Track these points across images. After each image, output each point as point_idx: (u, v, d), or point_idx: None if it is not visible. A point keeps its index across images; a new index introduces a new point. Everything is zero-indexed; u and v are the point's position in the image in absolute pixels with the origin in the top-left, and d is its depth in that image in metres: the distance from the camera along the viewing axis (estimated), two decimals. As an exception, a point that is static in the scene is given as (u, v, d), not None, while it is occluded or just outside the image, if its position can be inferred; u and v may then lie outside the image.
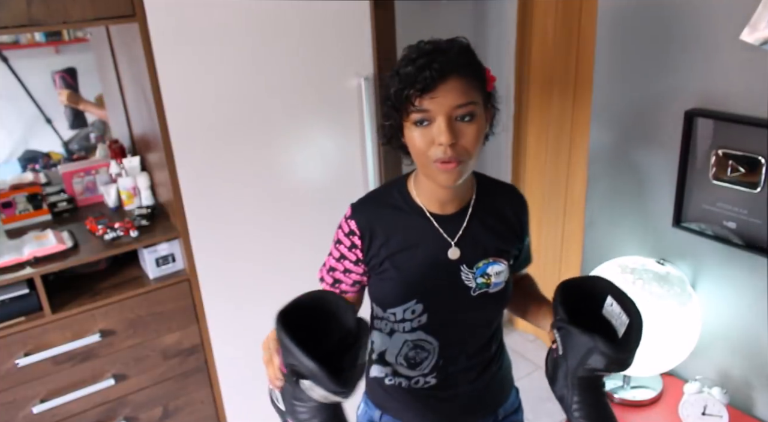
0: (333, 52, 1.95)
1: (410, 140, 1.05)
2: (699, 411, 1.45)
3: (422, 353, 1.18)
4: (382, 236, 1.15)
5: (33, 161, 2.28)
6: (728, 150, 1.39)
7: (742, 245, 1.41)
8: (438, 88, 0.99)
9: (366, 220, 1.16)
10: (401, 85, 1.01)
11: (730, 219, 1.43)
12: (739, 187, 1.38)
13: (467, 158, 1.03)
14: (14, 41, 2.19)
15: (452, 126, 1.00)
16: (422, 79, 0.98)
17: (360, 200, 1.21)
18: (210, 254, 1.91)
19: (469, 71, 1.02)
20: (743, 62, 1.33)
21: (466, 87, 1.01)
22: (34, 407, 1.73)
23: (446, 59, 0.99)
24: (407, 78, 1.00)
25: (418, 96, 0.99)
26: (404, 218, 1.15)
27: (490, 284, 1.16)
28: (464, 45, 1.05)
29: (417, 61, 1.00)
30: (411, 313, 1.15)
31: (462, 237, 1.15)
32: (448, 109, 1.00)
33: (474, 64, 1.05)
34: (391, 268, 1.16)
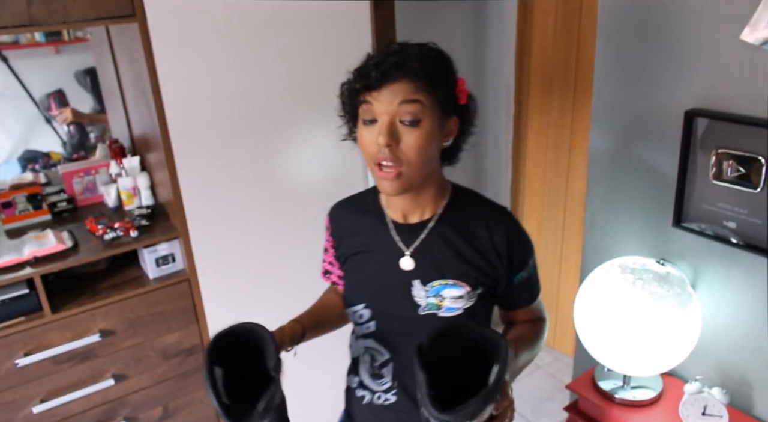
0: (333, 52, 1.95)
1: (359, 139, 1.04)
2: (699, 411, 1.45)
3: (378, 365, 1.15)
4: (347, 236, 1.18)
5: (33, 161, 2.28)
6: (728, 150, 1.38)
7: (742, 245, 1.41)
8: (384, 85, 0.97)
9: (337, 218, 1.20)
10: (351, 79, 1.02)
11: (730, 219, 1.43)
12: (739, 187, 1.38)
13: (408, 166, 0.99)
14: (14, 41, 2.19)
15: (393, 128, 0.98)
16: (372, 74, 0.97)
17: (340, 200, 1.24)
18: (210, 254, 1.91)
19: (423, 76, 0.98)
20: (743, 62, 1.33)
21: (414, 90, 0.97)
22: (34, 407, 1.73)
23: (401, 60, 0.97)
24: (359, 72, 1.01)
25: (365, 91, 0.99)
26: (369, 222, 1.15)
27: (442, 307, 1.08)
28: (431, 50, 1.03)
29: (371, 59, 1.00)
30: (359, 317, 1.15)
31: (418, 249, 1.10)
32: (389, 109, 0.97)
33: (436, 72, 1.00)
34: (349, 268, 1.18)
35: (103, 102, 2.32)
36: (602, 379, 1.62)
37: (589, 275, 1.58)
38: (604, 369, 1.61)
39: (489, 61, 2.74)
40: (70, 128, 2.31)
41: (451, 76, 1.03)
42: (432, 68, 1.00)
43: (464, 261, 1.09)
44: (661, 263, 1.53)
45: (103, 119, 2.35)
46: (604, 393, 1.58)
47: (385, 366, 1.15)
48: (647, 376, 1.59)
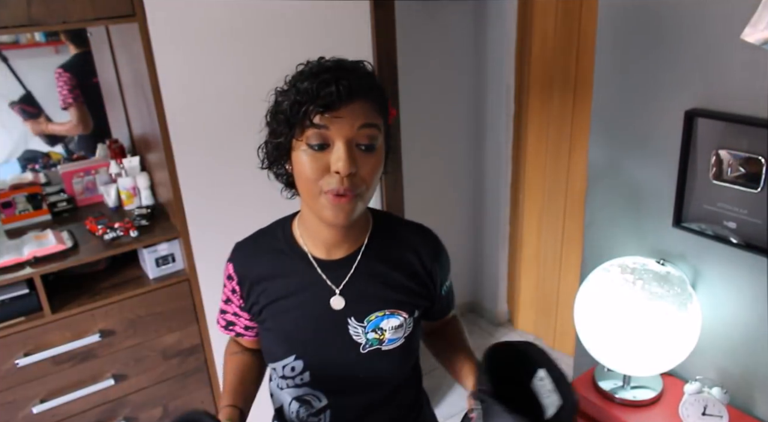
0: (333, 52, 1.95)
1: (299, 165, 0.92)
2: (699, 411, 1.45)
3: (314, 412, 1.06)
4: (260, 283, 1.04)
5: (33, 161, 2.28)
6: (728, 150, 1.39)
7: (742, 245, 1.41)
8: (342, 107, 0.87)
9: (242, 264, 1.06)
10: (299, 99, 0.89)
11: (730, 219, 1.43)
12: (739, 187, 1.38)
13: (364, 192, 0.92)
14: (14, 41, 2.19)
15: (352, 153, 0.88)
16: (327, 94, 0.87)
17: (242, 240, 1.10)
18: (210, 254, 1.91)
19: (376, 96, 0.92)
20: (743, 62, 1.33)
21: (372, 111, 0.91)
22: (34, 407, 1.73)
23: (355, 78, 0.89)
24: (307, 93, 0.88)
25: (319, 113, 0.87)
26: (285, 263, 1.03)
27: (384, 341, 1.02)
28: (370, 69, 0.97)
29: (320, 76, 0.89)
30: (291, 370, 1.02)
31: (348, 285, 1.02)
32: (350, 132, 0.88)
33: (380, 90, 0.94)
34: (268, 318, 1.04)
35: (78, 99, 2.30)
36: (602, 379, 1.62)
37: (589, 275, 1.58)
38: (604, 369, 1.61)
39: (489, 61, 2.74)
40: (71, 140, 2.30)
41: (386, 95, 0.97)
42: (379, 88, 0.94)
43: (398, 290, 1.04)
44: (661, 263, 1.53)
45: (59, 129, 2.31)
46: (604, 393, 1.58)
47: (323, 413, 1.06)
48: (647, 376, 1.59)
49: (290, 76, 0.97)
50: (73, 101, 2.25)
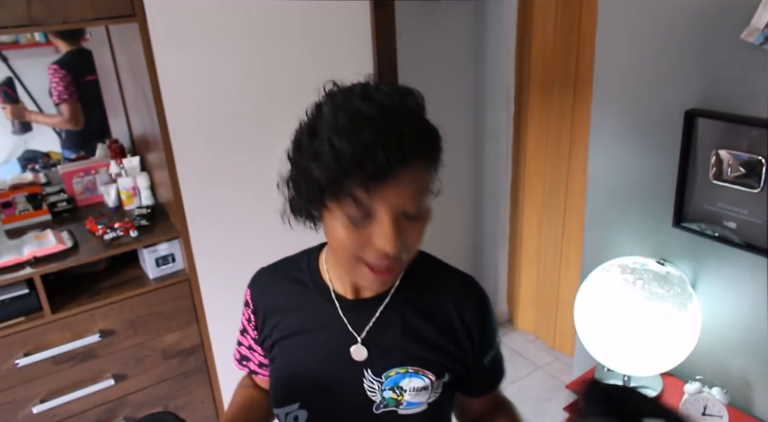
0: (333, 52, 1.95)
1: (333, 231, 0.78)
2: (699, 411, 1.45)
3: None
4: (277, 315, 0.94)
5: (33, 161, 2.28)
6: (728, 150, 1.39)
7: (742, 245, 1.41)
8: (389, 179, 0.71)
9: (260, 292, 0.97)
10: (336, 168, 0.71)
11: (730, 219, 1.43)
12: (739, 187, 1.38)
13: (407, 258, 0.80)
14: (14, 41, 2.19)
15: (399, 225, 0.74)
16: (373, 164, 0.70)
17: (266, 266, 1.00)
18: (210, 254, 1.91)
19: (431, 150, 0.77)
20: (743, 62, 1.33)
21: (425, 174, 0.76)
22: (34, 407, 1.73)
23: (406, 134, 0.72)
24: (347, 160, 0.70)
25: (362, 187, 0.71)
26: (305, 297, 0.92)
27: (402, 403, 0.88)
28: (420, 106, 0.79)
29: (361, 134, 0.70)
30: (293, 420, 0.91)
31: (371, 332, 0.89)
32: (398, 202, 0.73)
33: (436, 141, 0.78)
34: (279, 356, 0.94)
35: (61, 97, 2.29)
36: (602, 379, 1.62)
37: (589, 275, 1.58)
38: (604, 369, 1.61)
39: (489, 61, 2.74)
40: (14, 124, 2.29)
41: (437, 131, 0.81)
42: (432, 132, 0.79)
43: (427, 346, 0.89)
44: (661, 263, 1.53)
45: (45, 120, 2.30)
46: (604, 393, 1.58)
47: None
48: (647, 376, 1.59)
49: (314, 111, 0.81)
50: (68, 97, 2.25)
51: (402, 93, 0.77)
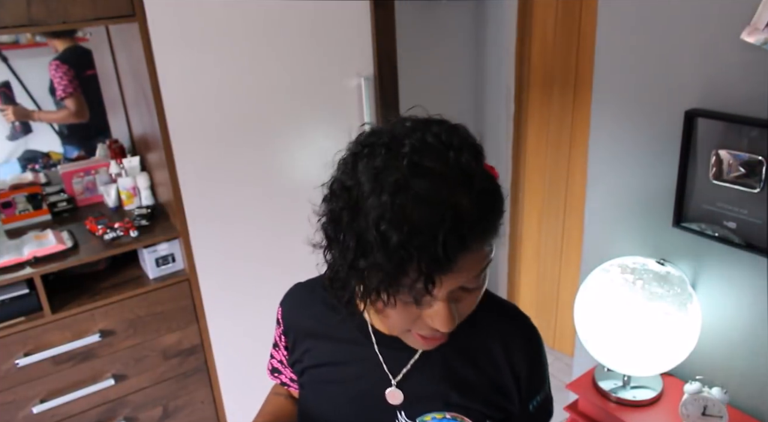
0: (333, 52, 1.95)
1: (387, 313, 0.70)
2: (699, 411, 1.45)
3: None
4: (307, 340, 0.87)
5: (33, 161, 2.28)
6: (728, 150, 1.39)
7: (742, 245, 1.41)
8: (453, 265, 0.62)
9: (293, 312, 0.90)
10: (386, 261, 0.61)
11: (730, 219, 1.43)
12: (739, 187, 1.38)
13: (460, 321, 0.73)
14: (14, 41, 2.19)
15: (455, 302, 0.70)
16: (429, 256, 0.61)
17: (301, 283, 0.93)
18: (210, 254, 1.91)
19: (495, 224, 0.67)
20: (743, 62, 1.33)
21: (489, 252, 0.67)
22: (34, 407, 1.73)
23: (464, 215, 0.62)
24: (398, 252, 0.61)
25: (417, 279, 0.63)
26: (340, 327, 0.84)
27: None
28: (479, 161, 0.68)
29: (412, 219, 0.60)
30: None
31: (409, 375, 0.81)
32: (456, 284, 0.67)
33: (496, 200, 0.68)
34: (307, 385, 0.88)
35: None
36: (602, 379, 1.62)
37: (589, 275, 1.58)
38: (604, 369, 1.61)
39: (489, 61, 2.74)
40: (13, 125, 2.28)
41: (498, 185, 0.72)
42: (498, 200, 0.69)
43: (469, 392, 0.81)
44: (661, 263, 1.52)
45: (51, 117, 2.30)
46: (604, 393, 1.58)
47: None
48: (647, 376, 1.59)
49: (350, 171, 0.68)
50: (73, 90, 2.25)
51: (458, 147, 0.65)
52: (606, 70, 1.64)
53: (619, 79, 1.61)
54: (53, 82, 2.24)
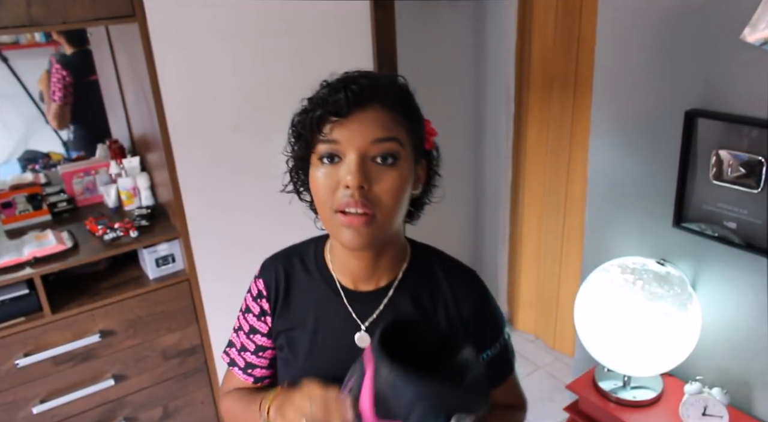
0: (333, 52, 1.95)
1: (313, 181, 0.84)
2: (699, 412, 1.45)
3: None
4: (287, 303, 0.96)
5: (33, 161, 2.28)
6: (728, 150, 1.39)
7: (742, 245, 1.41)
8: (353, 114, 0.80)
9: (274, 278, 0.98)
10: (309, 108, 0.84)
11: (730, 219, 1.43)
12: (739, 187, 1.38)
13: (381, 213, 0.81)
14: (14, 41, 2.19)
15: (365, 166, 0.80)
16: (336, 100, 0.80)
17: (272, 256, 1.02)
18: (210, 254, 1.91)
19: (397, 106, 0.83)
20: (743, 62, 1.33)
21: (390, 121, 0.81)
22: (34, 407, 1.73)
23: (369, 84, 0.82)
24: (318, 100, 0.83)
25: (328, 121, 0.80)
26: (314, 287, 0.95)
27: None
28: (402, 83, 0.88)
29: (335, 84, 0.84)
30: None
31: (376, 322, 0.92)
32: (362, 143, 0.80)
33: (409, 104, 0.86)
34: (285, 345, 0.97)
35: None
36: (602, 379, 1.62)
37: (589, 275, 1.58)
38: (604, 369, 1.61)
39: (489, 61, 2.74)
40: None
41: (419, 113, 0.89)
42: (407, 98, 0.87)
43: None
44: (661, 263, 1.52)
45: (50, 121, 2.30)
46: (604, 393, 1.58)
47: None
48: (647, 376, 1.59)
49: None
50: (58, 99, 2.25)
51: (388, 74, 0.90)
52: (606, 70, 1.64)
53: (619, 79, 1.61)
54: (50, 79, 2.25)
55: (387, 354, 0.74)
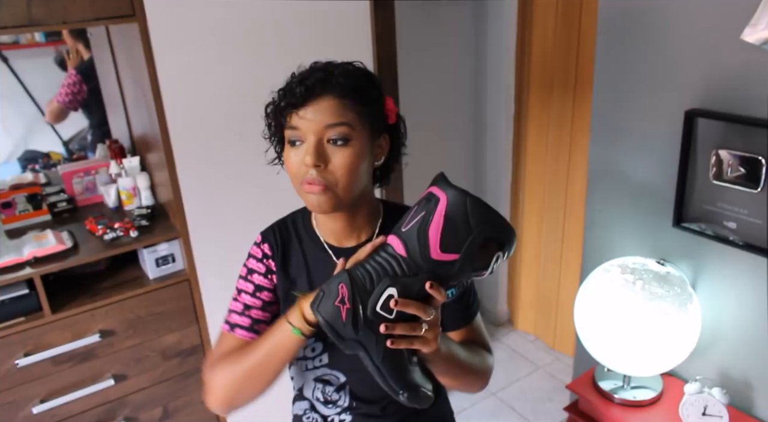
0: (333, 52, 1.94)
1: (286, 161, 1.01)
2: (699, 412, 1.45)
3: (332, 390, 1.11)
4: (284, 262, 1.11)
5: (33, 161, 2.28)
6: (728, 150, 1.39)
7: (742, 245, 1.41)
8: (308, 105, 0.95)
9: (275, 241, 1.12)
10: (275, 100, 1.00)
11: (730, 219, 1.43)
12: (739, 187, 1.38)
13: (336, 185, 0.96)
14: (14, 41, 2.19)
15: (321, 148, 0.95)
16: (292, 94, 0.96)
17: (267, 228, 1.16)
18: (210, 254, 1.91)
19: (348, 93, 0.96)
20: (743, 62, 1.33)
21: (341, 108, 0.95)
22: (33, 407, 1.73)
23: (323, 77, 0.96)
24: (284, 93, 0.99)
25: (289, 112, 0.96)
26: (303, 247, 1.10)
27: None
28: (357, 68, 1.01)
29: (296, 78, 0.98)
30: (311, 351, 1.10)
31: None
32: (317, 128, 0.95)
33: (361, 88, 0.98)
34: (287, 300, 1.09)
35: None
36: (602, 379, 1.62)
37: (589, 275, 1.58)
38: (604, 369, 1.61)
39: (489, 61, 2.74)
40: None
41: (378, 93, 1.01)
42: (358, 84, 0.98)
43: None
44: (661, 263, 1.53)
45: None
46: (604, 393, 1.58)
47: (342, 389, 1.11)
48: (647, 376, 1.59)
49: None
50: (61, 102, 2.26)
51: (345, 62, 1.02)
52: (606, 70, 1.64)
53: (619, 79, 1.61)
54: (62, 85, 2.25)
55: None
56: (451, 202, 0.84)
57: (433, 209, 0.84)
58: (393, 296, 0.83)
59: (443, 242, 0.83)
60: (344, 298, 0.84)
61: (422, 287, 0.84)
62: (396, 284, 0.83)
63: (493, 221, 0.85)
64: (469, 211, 0.83)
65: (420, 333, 0.86)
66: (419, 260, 0.84)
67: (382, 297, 0.83)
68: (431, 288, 0.84)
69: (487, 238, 0.84)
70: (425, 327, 0.86)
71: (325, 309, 0.85)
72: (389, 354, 0.85)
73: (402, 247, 0.85)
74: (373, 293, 0.84)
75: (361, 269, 0.85)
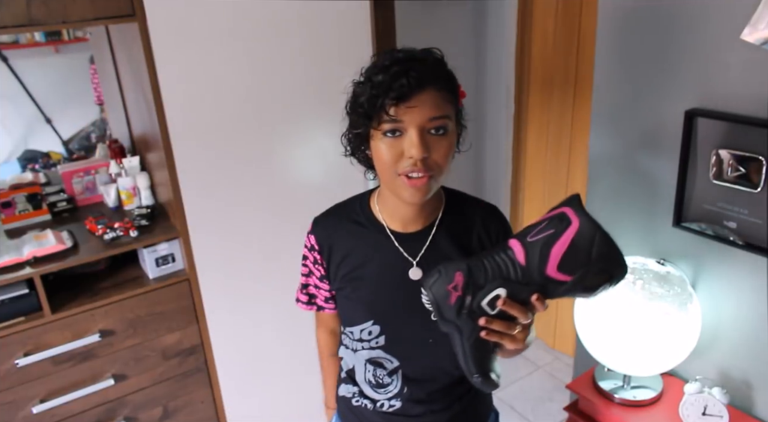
0: (333, 52, 1.95)
1: (377, 151, 1.00)
2: (699, 411, 1.45)
3: (385, 374, 1.15)
4: (340, 252, 1.13)
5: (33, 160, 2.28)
6: (728, 150, 1.39)
7: (742, 245, 1.41)
8: (413, 97, 0.95)
9: (325, 235, 1.14)
10: (374, 93, 0.97)
11: (730, 219, 1.43)
12: (739, 187, 1.38)
13: (437, 173, 1.00)
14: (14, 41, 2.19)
15: (424, 139, 0.96)
16: (398, 87, 0.94)
17: (322, 213, 1.18)
18: (210, 254, 1.91)
19: (444, 84, 0.99)
20: (743, 62, 1.33)
21: (441, 100, 0.97)
22: (33, 407, 1.73)
23: (424, 69, 0.96)
24: (381, 85, 0.96)
25: (393, 104, 0.95)
26: (364, 235, 1.12)
27: None
28: (439, 57, 1.03)
29: (391, 69, 0.96)
30: (368, 334, 1.13)
31: (425, 257, 1.10)
32: (421, 121, 0.96)
33: (449, 77, 1.01)
34: (347, 286, 1.13)
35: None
36: (602, 379, 1.62)
37: (589, 275, 1.58)
38: (604, 369, 1.61)
39: (489, 61, 2.74)
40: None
41: (456, 80, 1.04)
42: (450, 75, 1.01)
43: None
44: (661, 263, 1.53)
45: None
46: (604, 393, 1.58)
47: (395, 374, 1.15)
48: (647, 376, 1.59)
49: (365, 68, 1.03)
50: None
51: (425, 50, 1.02)
52: (606, 70, 1.64)
53: (619, 79, 1.61)
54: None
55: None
56: (582, 229, 0.89)
57: (563, 230, 0.89)
58: (500, 296, 0.90)
59: (562, 263, 0.88)
60: (457, 285, 0.91)
61: (528, 296, 0.90)
62: (507, 286, 0.90)
63: (614, 258, 0.90)
64: (595, 243, 0.88)
65: (513, 333, 0.92)
66: (534, 272, 0.90)
67: (491, 294, 0.90)
68: (537, 300, 0.90)
69: (601, 269, 0.90)
70: (518, 328, 0.92)
71: (438, 290, 0.92)
72: (478, 342, 0.93)
73: (523, 255, 0.90)
74: (483, 289, 0.90)
75: (480, 265, 0.91)
